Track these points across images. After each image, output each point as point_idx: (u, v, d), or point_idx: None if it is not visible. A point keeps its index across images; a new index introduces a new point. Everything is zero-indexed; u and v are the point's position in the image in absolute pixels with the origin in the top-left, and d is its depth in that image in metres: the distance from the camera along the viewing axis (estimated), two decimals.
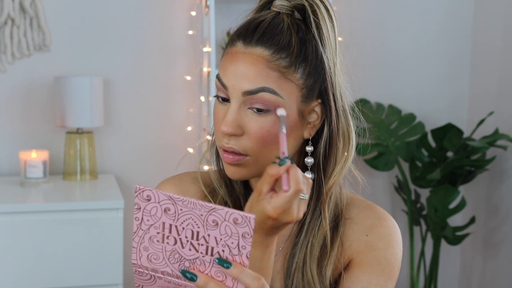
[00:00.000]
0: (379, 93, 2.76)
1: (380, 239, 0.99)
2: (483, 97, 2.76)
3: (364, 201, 1.04)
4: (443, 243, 2.74)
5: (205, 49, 2.41)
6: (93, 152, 2.38)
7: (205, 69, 2.42)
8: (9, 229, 1.98)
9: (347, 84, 1.06)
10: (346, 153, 0.98)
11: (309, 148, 0.96)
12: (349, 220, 1.00)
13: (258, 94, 0.90)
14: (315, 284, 0.96)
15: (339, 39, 1.01)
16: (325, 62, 0.94)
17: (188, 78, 2.55)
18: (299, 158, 0.98)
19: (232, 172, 0.94)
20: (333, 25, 0.95)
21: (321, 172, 0.97)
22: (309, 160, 0.97)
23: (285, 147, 0.84)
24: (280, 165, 0.80)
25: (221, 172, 1.02)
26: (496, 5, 2.69)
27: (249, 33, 0.92)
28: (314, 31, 0.93)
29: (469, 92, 2.85)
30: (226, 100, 0.93)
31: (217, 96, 0.94)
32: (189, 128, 2.55)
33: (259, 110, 0.91)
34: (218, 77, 0.93)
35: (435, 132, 2.62)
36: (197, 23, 2.51)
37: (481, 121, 2.50)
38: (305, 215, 0.97)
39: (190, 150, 2.50)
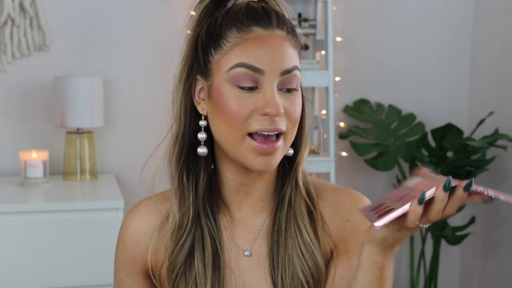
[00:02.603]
0: (379, 93, 2.76)
1: (361, 222, 1.00)
2: (483, 97, 2.76)
3: (336, 186, 1.06)
4: (443, 243, 2.74)
5: None
6: (93, 152, 2.38)
7: None
8: (9, 229, 1.98)
9: (347, 84, 1.09)
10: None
11: None
12: (324, 201, 1.02)
13: (292, 72, 0.93)
14: (315, 247, 0.98)
15: (339, 39, 1.04)
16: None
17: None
18: None
19: (266, 163, 0.92)
20: None
21: (296, 146, 1.00)
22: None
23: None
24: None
25: (184, 183, 1.00)
26: (496, 6, 2.69)
27: (264, 17, 0.93)
28: (289, 16, 0.98)
29: (469, 92, 2.85)
30: (252, 88, 0.91)
31: (238, 85, 0.91)
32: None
33: (290, 90, 0.93)
34: (245, 65, 0.91)
35: (435, 132, 2.62)
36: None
37: (481, 121, 2.50)
38: (285, 189, 1.00)
39: None
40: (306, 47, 2.58)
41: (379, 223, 0.79)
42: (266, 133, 0.91)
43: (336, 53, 2.63)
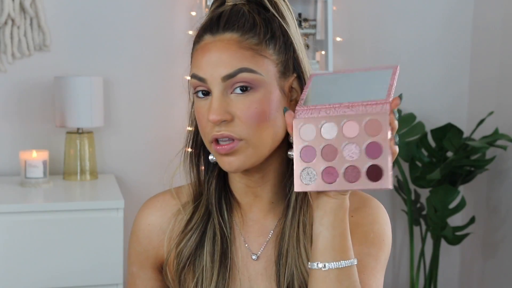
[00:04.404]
0: None
1: (366, 216, 1.01)
2: (483, 97, 2.76)
3: (363, 194, 1.05)
4: (443, 243, 2.74)
5: None
6: (93, 152, 2.39)
7: None
8: (9, 229, 1.98)
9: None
10: None
11: None
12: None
13: (237, 76, 0.91)
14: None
15: (339, 39, 1.03)
16: (291, 37, 0.97)
17: (188, 78, 2.55)
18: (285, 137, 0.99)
19: (229, 163, 0.93)
20: (287, 4, 0.99)
21: None
22: None
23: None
24: None
25: (199, 181, 1.03)
26: (496, 5, 2.69)
27: (213, 23, 0.94)
28: (272, 10, 0.96)
29: (469, 92, 2.85)
30: (207, 93, 0.93)
31: (196, 93, 0.95)
32: (189, 129, 2.55)
33: (243, 90, 0.91)
34: (193, 75, 0.94)
35: (435, 132, 2.62)
36: (197, 23, 2.51)
37: (481, 121, 2.50)
38: (289, 194, 1.00)
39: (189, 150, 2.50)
40: (306, 47, 2.58)
41: (391, 184, 0.81)
42: (218, 139, 0.93)
43: (336, 53, 2.63)
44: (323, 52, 2.53)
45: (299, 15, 2.60)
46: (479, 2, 2.78)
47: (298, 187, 0.83)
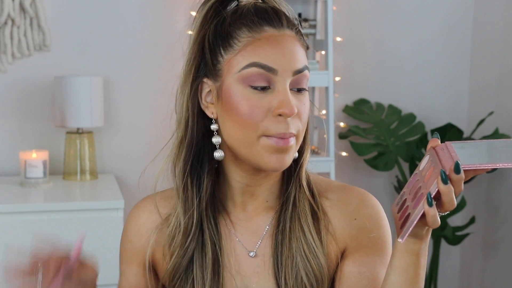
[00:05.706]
0: (379, 93, 2.76)
1: (369, 220, 1.00)
2: (483, 97, 2.76)
3: (340, 184, 1.05)
4: (443, 243, 2.74)
5: None
6: (93, 152, 2.39)
7: None
8: (9, 229, 1.98)
9: (347, 84, 1.09)
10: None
11: None
12: (330, 201, 1.02)
13: (303, 72, 0.93)
14: (317, 248, 0.98)
15: (339, 39, 1.05)
16: None
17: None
18: None
19: (280, 162, 0.91)
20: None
21: (300, 146, 0.99)
22: None
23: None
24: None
25: (190, 193, 0.99)
26: (496, 5, 2.69)
27: (274, 17, 0.94)
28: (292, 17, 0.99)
29: (469, 92, 2.85)
30: (265, 87, 0.91)
31: (250, 84, 0.90)
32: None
33: (300, 90, 0.93)
34: (258, 64, 0.90)
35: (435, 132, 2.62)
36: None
37: (481, 121, 2.50)
38: (289, 189, 1.00)
39: None
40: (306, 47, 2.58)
41: (402, 238, 0.81)
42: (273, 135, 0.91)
43: (336, 53, 2.63)
44: (323, 52, 2.53)
45: (299, 15, 2.60)
46: (480, 2, 2.78)
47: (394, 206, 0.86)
